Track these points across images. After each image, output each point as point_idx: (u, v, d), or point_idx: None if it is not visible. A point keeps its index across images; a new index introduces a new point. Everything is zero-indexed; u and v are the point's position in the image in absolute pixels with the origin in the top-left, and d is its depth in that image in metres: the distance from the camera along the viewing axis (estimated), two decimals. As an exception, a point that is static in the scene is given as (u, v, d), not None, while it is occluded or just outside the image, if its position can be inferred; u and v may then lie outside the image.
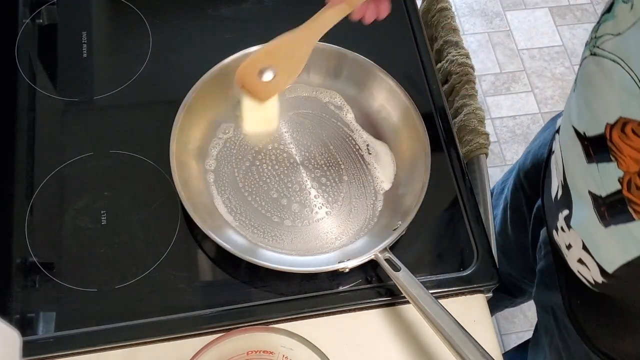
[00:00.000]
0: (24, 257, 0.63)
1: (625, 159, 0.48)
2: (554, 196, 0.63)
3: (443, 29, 0.82)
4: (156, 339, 0.60)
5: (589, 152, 0.53)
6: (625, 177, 0.49)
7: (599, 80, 0.51)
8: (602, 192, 0.52)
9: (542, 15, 1.93)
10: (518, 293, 1.02)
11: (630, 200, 0.49)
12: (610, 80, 0.49)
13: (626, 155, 0.48)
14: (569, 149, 0.57)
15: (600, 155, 0.51)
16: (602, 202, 0.52)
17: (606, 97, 0.50)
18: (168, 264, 0.64)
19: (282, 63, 0.62)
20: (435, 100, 0.75)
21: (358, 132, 0.73)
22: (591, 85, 0.53)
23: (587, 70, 0.54)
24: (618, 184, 0.49)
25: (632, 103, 0.46)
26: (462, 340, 0.56)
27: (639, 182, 0.47)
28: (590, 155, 0.53)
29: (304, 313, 0.63)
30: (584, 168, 0.54)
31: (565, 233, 0.61)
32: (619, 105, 0.48)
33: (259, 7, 0.81)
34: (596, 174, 0.52)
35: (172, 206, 0.66)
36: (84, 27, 0.77)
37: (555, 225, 0.63)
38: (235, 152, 0.70)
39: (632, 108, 0.46)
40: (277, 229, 0.66)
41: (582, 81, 0.55)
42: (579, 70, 0.56)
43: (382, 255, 0.62)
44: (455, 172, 0.71)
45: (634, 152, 0.47)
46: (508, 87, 1.81)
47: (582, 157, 0.54)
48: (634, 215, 0.49)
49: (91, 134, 0.71)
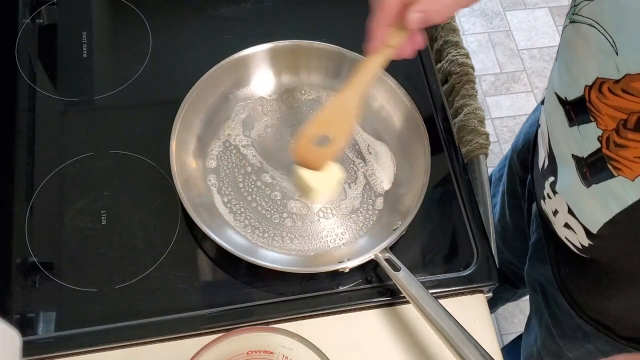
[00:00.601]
0: (24, 257, 0.63)
1: (604, 118, 0.51)
2: (540, 166, 0.65)
3: (443, 29, 0.82)
4: (156, 339, 0.60)
5: (571, 115, 0.55)
6: (604, 135, 0.51)
7: (578, 46, 0.53)
8: (584, 153, 0.54)
9: (542, 15, 1.94)
10: (519, 282, 1.02)
11: (609, 157, 0.51)
12: (588, 43, 0.51)
13: (604, 114, 0.50)
14: (552, 116, 0.60)
15: (581, 117, 0.54)
16: (584, 162, 0.55)
17: (584, 60, 0.52)
18: (168, 264, 0.64)
19: (334, 127, 0.63)
20: (435, 100, 0.76)
21: (358, 132, 0.73)
22: (571, 51, 0.55)
23: (567, 38, 0.56)
24: (598, 142, 0.52)
25: (608, 63, 0.48)
26: (462, 340, 0.56)
27: (617, 139, 0.50)
28: (572, 119, 0.55)
29: (304, 313, 0.63)
30: (567, 132, 0.56)
31: (551, 200, 0.63)
32: (595, 67, 0.50)
33: (259, 7, 0.81)
34: (577, 136, 0.55)
35: (172, 206, 0.66)
36: (84, 27, 0.77)
37: (543, 195, 0.65)
38: (235, 152, 0.70)
39: (608, 68, 0.48)
40: (277, 229, 0.66)
41: (563, 49, 0.57)
42: (560, 40, 0.58)
43: (382, 255, 0.62)
44: (455, 172, 0.71)
45: (611, 110, 0.49)
46: (508, 87, 1.81)
47: (564, 122, 0.56)
48: (613, 172, 0.51)
49: (91, 134, 0.71)
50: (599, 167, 0.53)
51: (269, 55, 0.73)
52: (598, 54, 0.49)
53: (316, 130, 0.63)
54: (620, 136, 0.49)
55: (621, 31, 0.47)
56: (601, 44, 0.49)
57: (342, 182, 0.68)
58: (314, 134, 0.63)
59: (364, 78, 0.61)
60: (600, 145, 0.52)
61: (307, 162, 0.65)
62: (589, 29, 0.51)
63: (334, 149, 0.64)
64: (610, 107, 0.49)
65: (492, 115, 1.76)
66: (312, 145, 0.64)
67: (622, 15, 0.47)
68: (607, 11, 0.49)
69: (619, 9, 0.47)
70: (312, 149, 0.64)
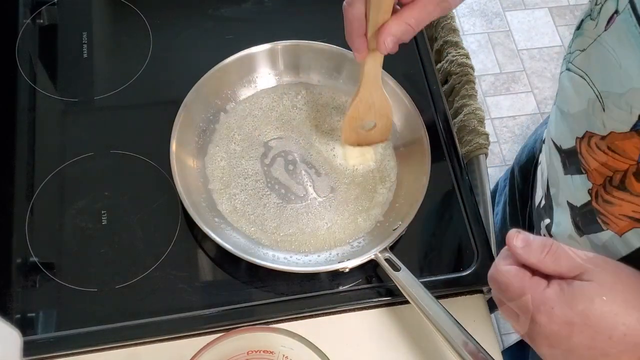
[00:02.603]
0: (24, 257, 0.63)
1: (593, 172, 0.50)
2: (537, 204, 0.64)
3: (443, 29, 0.82)
4: (156, 339, 0.61)
5: (566, 163, 0.54)
6: (594, 188, 0.50)
7: (571, 95, 0.52)
8: (577, 203, 0.53)
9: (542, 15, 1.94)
10: None
11: (598, 211, 0.50)
12: (579, 95, 0.50)
13: (592, 168, 0.49)
14: (551, 160, 0.59)
15: (574, 167, 0.53)
16: (578, 212, 0.54)
17: (576, 111, 0.51)
18: (168, 264, 0.64)
19: (369, 115, 0.67)
20: (435, 100, 0.76)
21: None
22: (565, 99, 0.54)
23: (562, 85, 0.55)
24: (588, 195, 0.51)
25: (596, 117, 0.47)
26: (462, 340, 0.56)
27: (604, 194, 0.49)
28: (567, 167, 0.54)
29: (304, 313, 0.63)
30: (563, 178, 0.55)
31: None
32: (585, 120, 0.49)
33: (259, 8, 0.81)
34: (571, 185, 0.54)
35: (172, 206, 0.66)
36: (84, 28, 0.77)
37: (540, 234, 0.64)
38: (236, 152, 0.70)
39: (596, 123, 0.47)
40: (277, 228, 0.66)
41: (559, 95, 0.57)
42: (558, 84, 0.57)
43: (382, 255, 0.62)
44: (455, 172, 0.71)
45: (599, 165, 0.48)
46: (508, 87, 1.81)
47: (560, 168, 0.56)
48: (602, 226, 0.50)
49: (91, 134, 0.71)
50: (589, 219, 0.52)
51: (269, 55, 0.73)
52: (588, 107, 0.48)
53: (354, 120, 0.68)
54: (606, 192, 0.48)
55: (607, 87, 0.46)
56: (590, 97, 0.48)
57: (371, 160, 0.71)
58: (355, 119, 0.68)
59: (373, 76, 0.62)
60: (590, 198, 0.51)
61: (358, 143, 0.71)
62: (580, 80, 0.50)
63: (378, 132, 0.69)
64: (597, 163, 0.48)
65: (492, 116, 1.76)
66: (359, 129, 0.69)
67: (607, 70, 0.46)
68: (594, 65, 0.48)
69: (604, 65, 0.46)
70: (360, 132, 0.69)
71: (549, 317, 0.41)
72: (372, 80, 0.63)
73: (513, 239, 0.44)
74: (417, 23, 0.53)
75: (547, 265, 0.43)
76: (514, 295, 0.43)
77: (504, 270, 0.44)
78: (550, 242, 0.43)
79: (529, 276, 0.43)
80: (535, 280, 0.43)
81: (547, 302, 0.41)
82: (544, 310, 0.41)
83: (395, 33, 0.54)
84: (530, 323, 0.43)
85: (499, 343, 0.64)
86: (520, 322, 0.44)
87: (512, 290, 0.43)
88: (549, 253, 0.43)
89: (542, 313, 0.42)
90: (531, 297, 0.42)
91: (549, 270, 0.43)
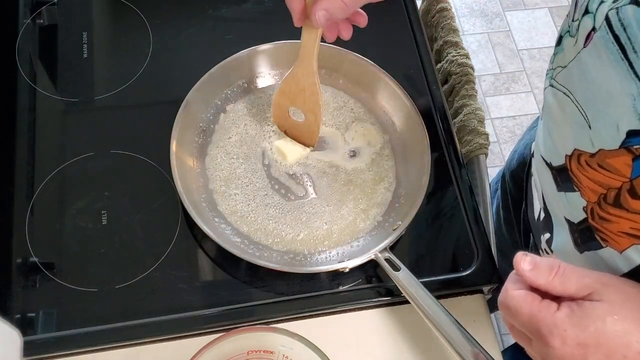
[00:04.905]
0: (24, 257, 0.63)
1: (586, 190, 0.49)
2: (536, 217, 0.64)
3: (443, 29, 0.82)
4: (156, 339, 0.61)
5: (557, 180, 0.54)
6: (589, 206, 0.49)
7: (556, 112, 0.52)
8: (575, 219, 0.52)
9: (542, 15, 1.93)
10: None
11: (596, 228, 0.49)
12: (564, 112, 0.49)
13: (585, 186, 0.49)
14: (542, 175, 0.58)
15: (566, 184, 0.52)
16: (576, 228, 0.53)
17: (563, 128, 0.50)
18: (168, 264, 0.64)
19: (299, 100, 0.66)
20: (435, 100, 0.76)
21: (358, 132, 0.72)
22: (551, 116, 0.53)
23: (547, 101, 0.54)
24: (584, 212, 0.50)
25: (582, 135, 0.46)
26: (462, 340, 0.56)
27: (600, 212, 0.48)
28: (559, 184, 0.54)
29: (304, 313, 0.63)
30: (556, 195, 0.55)
31: (549, 255, 0.62)
32: (572, 137, 0.48)
33: (259, 8, 0.81)
34: (566, 202, 0.53)
35: (172, 206, 0.66)
36: (84, 28, 0.77)
37: (540, 247, 0.64)
38: (236, 152, 0.70)
39: (583, 140, 0.47)
40: (277, 229, 0.66)
41: (545, 111, 0.56)
42: (543, 100, 0.56)
43: (382, 255, 0.62)
44: (455, 172, 0.71)
45: (591, 182, 0.48)
46: (508, 87, 1.81)
47: (553, 185, 0.55)
48: (601, 243, 0.49)
49: (91, 134, 0.71)
50: (587, 236, 0.51)
51: (269, 55, 0.73)
52: (573, 124, 0.48)
53: (281, 100, 0.67)
54: (602, 210, 0.48)
55: (590, 104, 0.45)
56: (575, 115, 0.47)
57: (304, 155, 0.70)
58: (281, 102, 0.67)
59: (305, 53, 0.63)
60: (586, 215, 0.50)
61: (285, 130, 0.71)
62: (564, 97, 0.49)
63: (309, 124, 0.68)
64: (589, 180, 0.48)
65: (492, 116, 1.76)
66: (287, 116, 0.69)
67: (589, 88, 0.45)
68: (577, 82, 0.47)
69: (586, 82, 0.45)
70: (289, 119, 0.69)
71: (562, 340, 0.41)
72: (308, 58, 0.63)
73: (520, 262, 0.43)
74: (350, 1, 0.54)
75: (556, 287, 0.43)
76: (524, 319, 0.43)
77: (514, 295, 0.44)
78: (558, 264, 0.43)
79: (539, 300, 0.43)
80: (545, 304, 0.43)
81: (559, 325, 0.41)
82: (557, 334, 0.41)
83: (327, 7, 0.55)
84: (543, 347, 0.42)
85: (499, 343, 0.64)
86: (534, 346, 0.44)
87: (522, 314, 0.43)
88: (557, 274, 0.42)
89: (555, 336, 0.41)
90: (542, 320, 0.42)
91: (557, 291, 0.43)
